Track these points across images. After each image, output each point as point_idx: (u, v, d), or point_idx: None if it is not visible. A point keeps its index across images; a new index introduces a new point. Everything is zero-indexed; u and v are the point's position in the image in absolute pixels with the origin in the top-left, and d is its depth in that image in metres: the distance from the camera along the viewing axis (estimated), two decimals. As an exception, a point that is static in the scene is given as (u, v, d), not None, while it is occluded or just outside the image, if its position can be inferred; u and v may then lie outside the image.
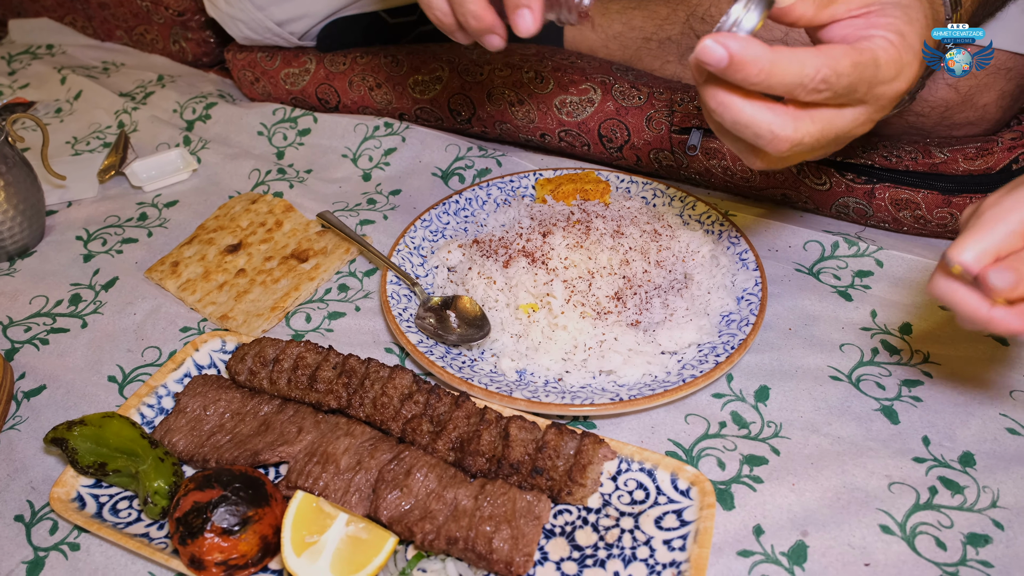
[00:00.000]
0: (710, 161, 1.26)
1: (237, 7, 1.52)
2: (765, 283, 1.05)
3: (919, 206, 1.15)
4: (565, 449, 0.84)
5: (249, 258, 1.23)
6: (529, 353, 1.00)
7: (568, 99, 1.34)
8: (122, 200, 1.42)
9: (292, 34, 1.55)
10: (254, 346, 0.98)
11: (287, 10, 1.51)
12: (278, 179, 1.43)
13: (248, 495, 0.79)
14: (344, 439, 0.88)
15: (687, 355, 0.98)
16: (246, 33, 1.57)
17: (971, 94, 1.16)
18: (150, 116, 1.63)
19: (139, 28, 1.93)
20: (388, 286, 1.09)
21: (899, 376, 0.98)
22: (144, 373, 1.05)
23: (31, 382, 1.05)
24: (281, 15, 1.51)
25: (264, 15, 1.51)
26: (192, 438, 0.92)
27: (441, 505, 0.80)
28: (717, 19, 1.30)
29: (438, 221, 1.23)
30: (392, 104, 1.51)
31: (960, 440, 0.89)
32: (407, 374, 0.93)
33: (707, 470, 0.88)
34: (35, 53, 1.99)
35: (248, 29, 1.56)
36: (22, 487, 0.92)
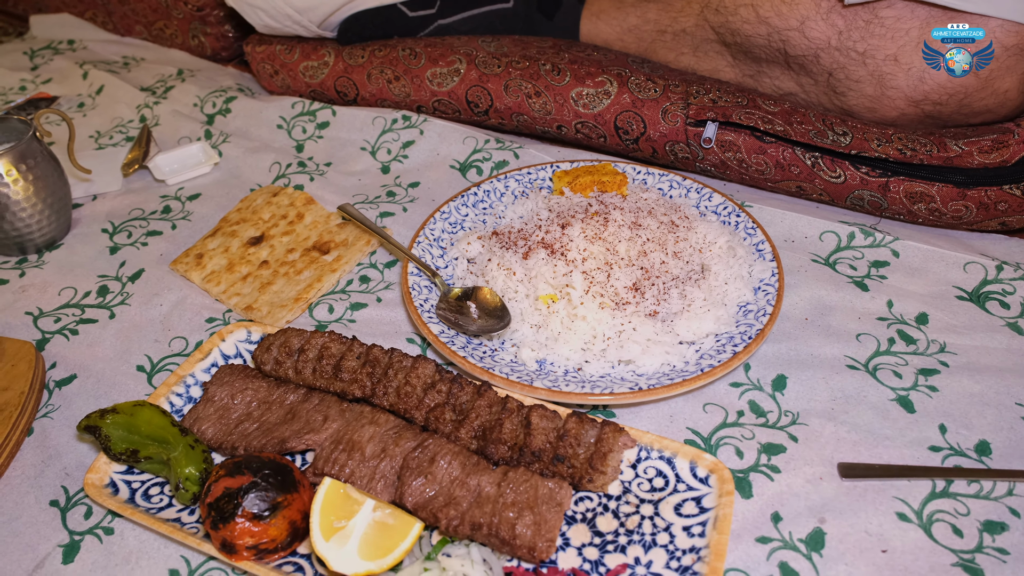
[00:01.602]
0: (725, 153, 1.27)
1: None
2: (782, 273, 1.06)
3: (934, 199, 1.16)
4: (586, 437, 0.86)
5: (272, 250, 1.25)
6: (549, 343, 1.01)
7: (585, 91, 1.36)
8: (146, 193, 1.45)
9: (311, 22, 1.56)
10: (279, 336, 1.00)
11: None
12: (298, 172, 1.45)
13: (277, 481, 0.81)
14: (369, 427, 0.90)
15: (705, 345, 1.00)
16: (265, 21, 1.57)
17: (991, 79, 1.15)
18: (171, 110, 1.65)
19: (159, 23, 1.95)
20: (409, 277, 1.10)
21: (915, 365, 0.99)
22: (172, 363, 1.08)
23: (62, 371, 1.08)
24: (300, 2, 1.51)
25: (284, 2, 1.51)
26: (220, 426, 0.94)
27: (465, 492, 0.82)
28: (731, 10, 1.32)
29: (457, 213, 1.25)
30: (410, 96, 1.53)
31: (976, 429, 0.90)
32: (430, 364, 0.94)
33: (725, 458, 0.89)
34: (56, 48, 2.02)
35: (268, 17, 1.56)
36: (56, 473, 0.94)
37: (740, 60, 1.39)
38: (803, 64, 1.29)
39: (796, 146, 1.22)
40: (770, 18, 1.27)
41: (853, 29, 1.20)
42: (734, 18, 1.32)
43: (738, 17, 1.31)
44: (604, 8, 1.52)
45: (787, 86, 1.35)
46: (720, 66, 1.42)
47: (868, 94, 1.24)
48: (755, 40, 1.31)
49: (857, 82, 1.24)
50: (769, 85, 1.37)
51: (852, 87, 1.25)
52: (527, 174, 1.31)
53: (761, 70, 1.37)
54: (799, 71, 1.31)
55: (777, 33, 1.27)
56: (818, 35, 1.24)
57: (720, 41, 1.38)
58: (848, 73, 1.24)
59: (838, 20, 1.21)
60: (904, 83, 1.20)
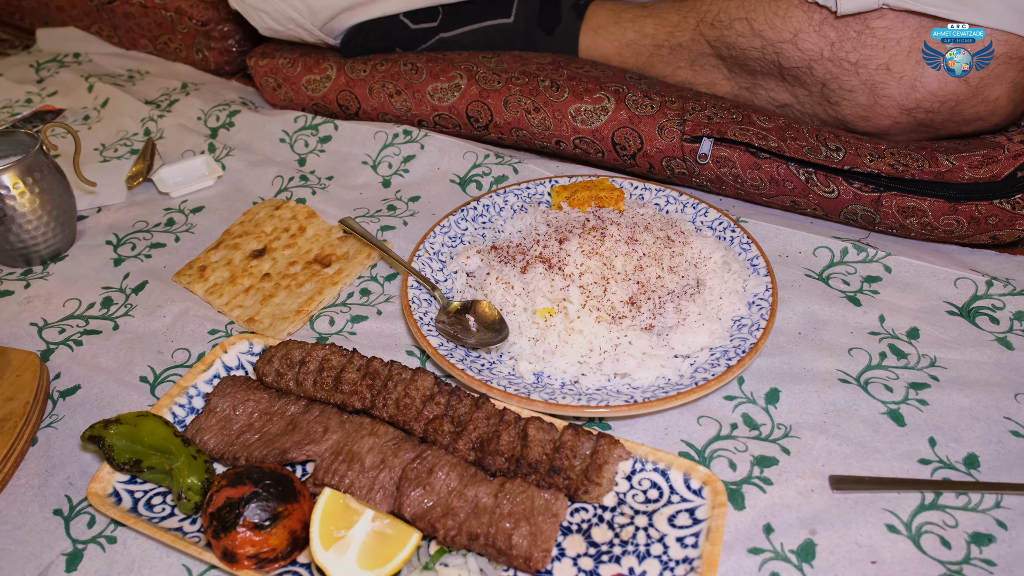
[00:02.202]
0: (721, 169, 1.29)
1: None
2: (775, 288, 1.08)
3: (926, 213, 1.17)
4: (582, 449, 0.87)
5: (274, 263, 1.27)
6: (546, 356, 1.03)
7: (583, 107, 1.38)
8: (150, 206, 1.47)
9: (314, 25, 1.57)
10: (281, 348, 1.01)
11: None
12: (300, 185, 1.47)
13: (278, 491, 0.82)
14: (368, 439, 0.91)
15: (699, 358, 1.01)
16: (268, 23, 1.58)
17: (981, 87, 1.17)
18: (175, 124, 1.68)
19: (163, 37, 1.97)
20: (409, 291, 1.12)
21: (906, 379, 1.00)
22: (174, 374, 1.09)
23: (66, 382, 1.09)
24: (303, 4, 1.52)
25: (286, 4, 1.53)
26: (222, 437, 0.95)
27: (462, 502, 0.83)
28: (725, 24, 1.34)
29: (456, 227, 1.26)
30: (411, 111, 1.55)
31: (965, 442, 0.92)
32: (429, 376, 0.96)
33: (719, 470, 0.91)
34: (62, 61, 2.04)
35: (271, 19, 1.57)
36: (60, 482, 0.96)
37: (736, 73, 1.41)
38: (797, 75, 1.31)
39: (790, 162, 1.24)
40: (764, 31, 1.29)
41: (845, 40, 1.23)
42: (729, 32, 1.34)
43: (733, 31, 1.34)
44: (602, 24, 1.54)
45: (782, 97, 1.37)
46: (716, 79, 1.44)
47: (861, 103, 1.26)
48: (750, 53, 1.34)
49: (850, 92, 1.26)
50: (765, 97, 1.40)
51: (846, 96, 1.27)
52: (526, 189, 1.33)
53: (756, 82, 1.39)
54: (793, 82, 1.33)
55: (771, 46, 1.30)
56: (811, 47, 1.26)
57: (716, 55, 1.41)
58: (841, 83, 1.26)
59: (830, 32, 1.24)
60: (896, 91, 1.22)
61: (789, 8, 1.26)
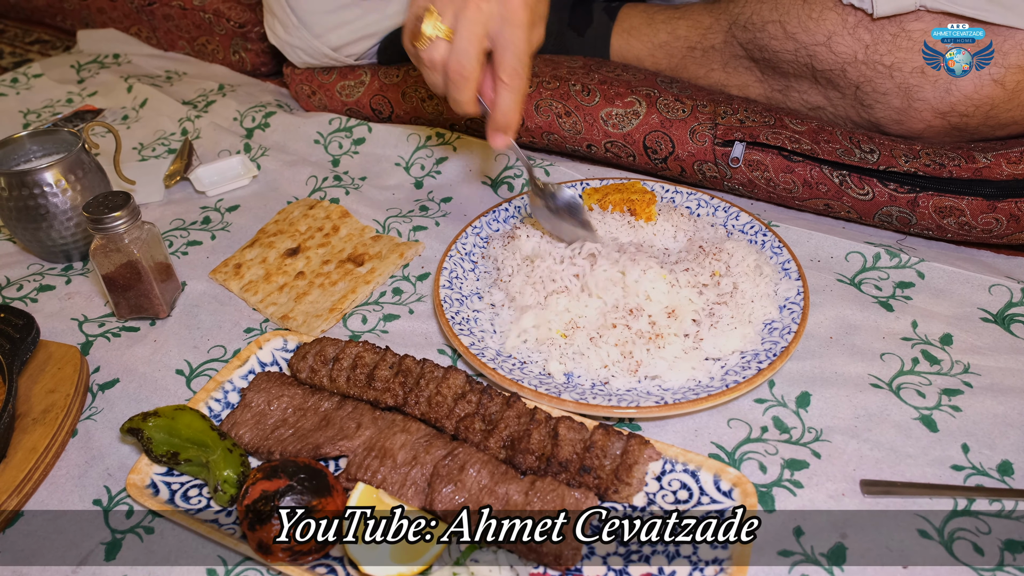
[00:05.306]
0: (753, 173, 1.29)
1: (295, 35, 1.58)
2: (807, 292, 1.08)
3: (963, 212, 1.16)
4: (612, 449, 0.88)
5: (308, 261, 1.29)
6: (576, 357, 1.04)
7: (614, 112, 1.38)
8: (186, 204, 1.49)
9: (348, 56, 1.62)
10: (315, 345, 1.03)
11: (343, 36, 1.57)
12: (334, 186, 1.49)
13: (312, 485, 0.83)
14: (400, 435, 0.92)
15: (731, 361, 1.01)
16: (304, 59, 1.64)
17: (1018, 90, 1.16)
18: (212, 124, 1.70)
19: (201, 39, 2.01)
20: (440, 290, 1.13)
21: (939, 385, 0.99)
22: (210, 369, 1.11)
23: (105, 375, 1.12)
24: (337, 41, 1.58)
25: (321, 42, 1.58)
26: (257, 431, 0.97)
27: (493, 500, 0.84)
28: (758, 27, 1.34)
29: (488, 228, 1.27)
30: (443, 115, 1.56)
31: (999, 449, 0.91)
32: (460, 375, 0.97)
33: (749, 473, 0.91)
34: (102, 62, 2.08)
35: (306, 55, 1.63)
36: (99, 474, 0.98)
37: (768, 75, 1.41)
38: (830, 78, 1.30)
39: (824, 164, 1.23)
40: (797, 34, 1.29)
41: (880, 43, 1.22)
42: (762, 34, 1.34)
43: (766, 33, 1.33)
44: (635, 25, 1.55)
45: (815, 100, 1.37)
46: (749, 81, 1.44)
47: (895, 106, 1.25)
48: (783, 56, 1.33)
49: (884, 95, 1.25)
50: (797, 99, 1.39)
51: (879, 100, 1.26)
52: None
53: (789, 85, 1.39)
54: (827, 85, 1.32)
55: (804, 48, 1.29)
56: (845, 49, 1.25)
57: (748, 57, 1.41)
58: (875, 86, 1.25)
59: (864, 34, 1.23)
60: (931, 95, 1.21)
61: (823, 11, 1.26)
